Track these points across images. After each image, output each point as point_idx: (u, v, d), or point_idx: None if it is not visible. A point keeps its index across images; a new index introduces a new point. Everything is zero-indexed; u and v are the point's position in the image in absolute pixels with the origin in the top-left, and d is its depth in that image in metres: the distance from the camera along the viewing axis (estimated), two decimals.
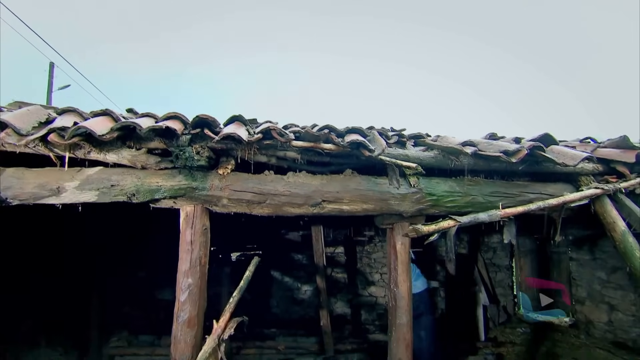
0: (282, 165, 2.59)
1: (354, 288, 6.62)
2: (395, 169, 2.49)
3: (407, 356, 2.59)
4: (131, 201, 2.37)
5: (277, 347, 5.47)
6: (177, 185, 2.39)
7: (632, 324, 5.23)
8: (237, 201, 2.43)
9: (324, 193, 2.46)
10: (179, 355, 2.36)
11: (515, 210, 2.48)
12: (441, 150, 2.59)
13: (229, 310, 2.46)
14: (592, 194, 2.68)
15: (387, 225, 2.69)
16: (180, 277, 2.39)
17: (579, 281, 6.15)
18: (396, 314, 2.59)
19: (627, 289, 5.37)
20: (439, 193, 2.57)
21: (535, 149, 2.55)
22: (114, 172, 2.38)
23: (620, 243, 2.63)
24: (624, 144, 2.88)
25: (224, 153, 2.51)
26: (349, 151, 2.40)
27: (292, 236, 6.60)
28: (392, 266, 2.64)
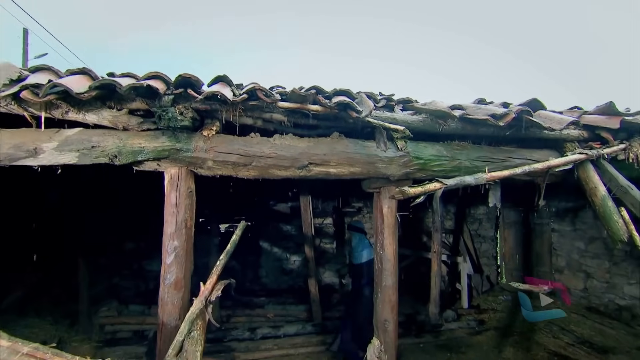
0: (269, 128, 2.54)
1: (342, 258, 6.73)
2: (382, 132, 2.47)
3: (393, 317, 2.66)
4: (113, 163, 2.31)
5: (267, 315, 5.57)
6: (160, 146, 2.33)
7: (605, 290, 5.48)
8: (222, 163, 2.39)
9: (310, 155, 2.43)
10: (166, 316, 2.37)
11: (501, 173, 2.50)
12: (429, 114, 2.57)
13: (216, 273, 2.46)
14: (576, 159, 2.72)
15: (374, 190, 2.69)
16: (166, 239, 2.38)
17: (559, 251, 6.36)
18: (382, 277, 2.64)
19: (602, 258, 5.59)
20: (426, 157, 2.57)
21: (522, 113, 2.55)
22: (95, 133, 2.30)
23: (600, 207, 2.68)
24: (610, 110, 2.90)
25: (208, 115, 2.45)
26: (336, 113, 2.36)
27: (280, 207, 6.62)
28: (379, 229, 2.67)
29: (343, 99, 2.32)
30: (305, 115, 2.48)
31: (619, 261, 5.35)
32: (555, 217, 6.44)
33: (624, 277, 5.28)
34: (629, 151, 2.89)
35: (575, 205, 6.04)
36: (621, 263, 5.33)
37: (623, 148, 2.89)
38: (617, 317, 5.27)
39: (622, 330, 4.97)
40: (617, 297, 5.35)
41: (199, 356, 2.15)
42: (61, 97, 2.13)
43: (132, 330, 5.49)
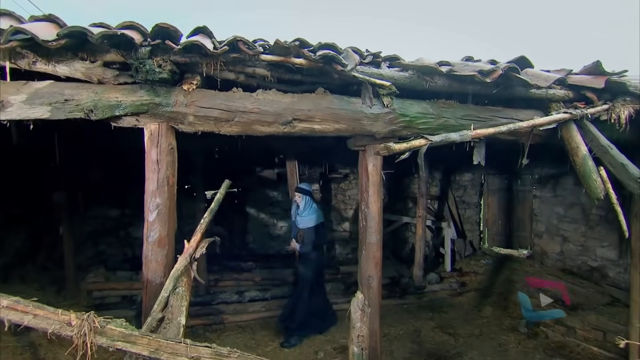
0: (252, 84, 2.47)
1: (328, 224, 6.81)
2: (368, 87, 2.42)
3: (377, 273, 2.72)
4: (89, 118, 2.22)
5: (254, 278, 5.66)
6: (138, 100, 2.25)
7: (579, 252, 5.72)
8: (204, 118, 2.32)
9: (294, 111, 2.38)
10: (150, 274, 2.37)
11: (487, 131, 2.51)
12: (416, 71, 2.52)
13: (200, 231, 2.46)
14: (560, 118, 2.73)
15: (359, 147, 2.68)
16: (148, 197, 2.34)
17: (539, 217, 6.56)
18: (366, 234, 2.67)
19: (579, 223, 5.80)
20: (412, 114, 2.55)
21: (510, 70, 2.52)
22: (67, 86, 2.19)
23: (580, 167, 2.73)
24: (596, 70, 2.89)
25: (188, 68, 2.35)
26: (320, 66, 2.29)
27: (267, 174, 6.59)
28: (364, 187, 2.67)
29: (328, 52, 2.25)
30: (289, 70, 2.40)
31: (594, 225, 5.57)
32: (537, 184, 6.60)
33: (597, 240, 5.51)
34: (612, 112, 2.91)
35: (557, 172, 6.19)
36: (596, 227, 5.54)
37: (606, 109, 2.91)
38: (588, 277, 5.55)
39: (592, 289, 5.24)
40: (589, 259, 5.60)
41: (185, 311, 2.18)
42: (27, 45, 2.00)
43: (121, 296, 5.53)
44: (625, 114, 2.86)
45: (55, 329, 1.66)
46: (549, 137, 2.94)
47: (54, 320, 1.67)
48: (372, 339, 2.61)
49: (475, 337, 4.77)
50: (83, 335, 1.66)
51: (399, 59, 2.75)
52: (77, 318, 1.69)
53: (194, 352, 1.84)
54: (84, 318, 1.69)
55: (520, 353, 4.36)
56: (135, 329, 1.82)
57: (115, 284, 5.59)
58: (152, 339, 1.80)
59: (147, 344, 1.79)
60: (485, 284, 6.17)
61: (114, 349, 1.75)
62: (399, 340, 4.68)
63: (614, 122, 2.88)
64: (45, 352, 4.03)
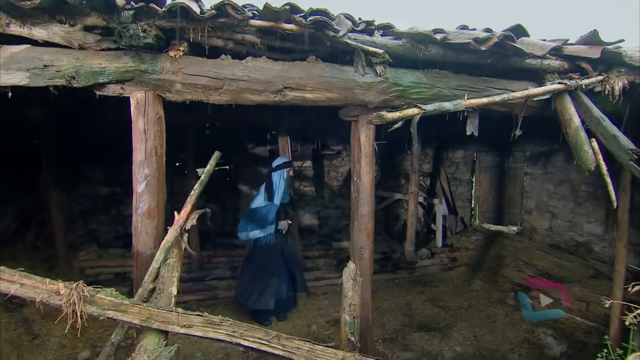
0: (241, 51, 2.38)
1: (321, 200, 6.83)
2: (361, 55, 2.36)
3: (369, 244, 2.73)
4: (71, 85, 2.13)
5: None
6: (123, 67, 2.16)
7: (567, 228, 5.83)
8: (191, 86, 2.25)
9: (285, 79, 2.31)
10: (141, 246, 2.34)
11: (480, 101, 2.47)
12: (410, 39, 2.46)
13: (190, 202, 2.42)
14: (554, 89, 2.70)
15: (351, 118, 2.63)
16: (136, 168, 2.28)
17: (530, 193, 6.63)
18: (358, 205, 2.66)
19: (568, 199, 5.88)
20: (405, 84, 2.50)
21: (505, 39, 2.47)
22: (46, 51, 2.09)
23: (573, 138, 2.72)
24: (593, 40, 2.85)
25: (174, 34, 2.25)
26: (312, 32, 2.21)
27: (259, 150, 6.53)
28: (356, 159, 2.65)
29: (320, 17, 2.17)
30: (279, 37, 2.32)
31: (582, 202, 5.66)
32: (529, 161, 6.64)
33: (585, 216, 5.61)
34: (606, 83, 2.89)
35: (548, 150, 6.22)
36: (584, 204, 5.63)
37: (601, 80, 2.88)
38: (575, 252, 5.68)
39: (577, 263, 5.37)
40: (576, 235, 5.72)
41: (176, 281, 2.17)
42: None
43: (114, 273, 5.54)
44: (620, 85, 2.84)
45: (44, 298, 1.64)
46: (542, 109, 2.92)
47: (42, 289, 1.64)
48: (363, 309, 2.65)
49: (464, 309, 4.90)
50: (72, 304, 1.64)
51: (393, 27, 2.67)
52: (66, 287, 1.66)
53: (185, 320, 1.84)
54: (72, 287, 1.67)
55: (507, 324, 4.49)
56: (126, 297, 1.81)
57: (108, 261, 5.59)
58: (143, 308, 1.79)
59: (138, 313, 1.78)
60: (476, 259, 6.29)
61: (105, 318, 1.73)
62: (390, 313, 4.78)
63: (607, 94, 2.86)
64: (39, 327, 4.04)
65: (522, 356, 3.81)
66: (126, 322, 1.78)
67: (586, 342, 3.97)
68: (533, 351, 3.90)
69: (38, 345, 3.79)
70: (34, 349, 3.72)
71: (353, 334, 2.22)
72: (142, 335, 1.82)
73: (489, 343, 4.06)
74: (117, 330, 2.06)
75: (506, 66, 2.74)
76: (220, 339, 1.88)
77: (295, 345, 2.00)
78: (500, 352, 3.88)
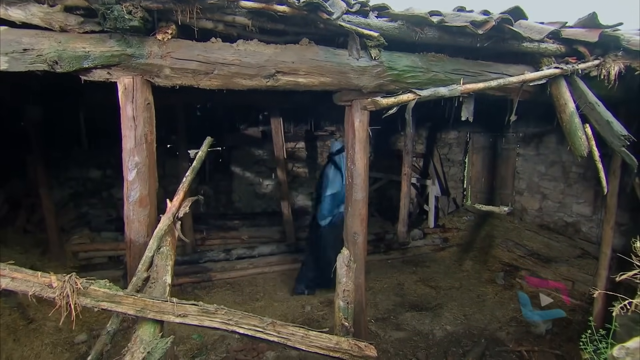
0: (232, 34, 2.29)
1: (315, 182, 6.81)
2: (355, 38, 2.29)
3: (362, 229, 2.74)
4: (54, 70, 2.04)
5: (241, 237, 5.71)
6: (108, 51, 2.07)
7: (557, 209, 5.93)
8: (181, 71, 2.17)
9: (278, 63, 2.25)
10: (133, 234, 2.32)
11: (476, 86, 2.44)
12: (405, 21, 2.39)
13: (183, 189, 2.39)
14: (551, 74, 2.67)
15: (345, 102, 2.59)
16: (126, 155, 2.23)
17: (521, 174, 6.69)
18: (352, 191, 2.66)
19: (559, 181, 5.95)
20: (400, 68, 2.44)
21: (503, 22, 2.41)
22: (25, 33, 1.99)
23: (567, 124, 2.71)
24: (591, 22, 2.80)
25: (162, 16, 2.16)
26: (305, 14, 2.13)
27: (252, 132, 6.45)
28: (350, 144, 2.62)
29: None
30: (271, 19, 2.23)
31: (572, 183, 5.73)
32: (521, 142, 6.67)
33: (574, 197, 5.70)
34: (602, 67, 2.86)
35: (541, 131, 6.24)
36: (574, 185, 5.71)
37: (597, 64, 2.85)
38: (563, 232, 5.80)
39: (565, 243, 5.50)
40: (565, 215, 5.83)
41: (170, 270, 2.16)
42: None
43: (107, 256, 5.53)
44: (615, 69, 2.82)
45: (36, 292, 1.63)
46: (537, 94, 2.89)
47: (34, 283, 1.63)
48: (357, 293, 2.69)
49: (455, 289, 5.01)
50: (66, 297, 1.63)
51: (388, 8, 2.58)
52: (58, 280, 1.65)
53: (180, 310, 1.84)
54: (65, 279, 1.65)
55: (496, 303, 4.62)
56: (120, 289, 1.81)
57: (101, 244, 5.57)
58: (137, 299, 1.79)
59: (133, 304, 1.78)
60: (467, 240, 6.40)
61: (100, 309, 1.73)
62: (382, 293, 4.88)
63: (603, 78, 2.84)
64: (34, 312, 4.05)
65: (509, 334, 3.94)
66: (121, 313, 1.79)
67: (570, 319, 4.12)
68: (520, 329, 4.03)
69: (34, 330, 3.81)
70: (30, 334, 3.75)
71: (347, 319, 2.26)
72: (137, 325, 1.83)
73: (478, 322, 4.18)
74: (113, 319, 2.07)
75: (503, 50, 2.70)
76: (216, 327, 1.90)
77: (289, 331, 2.04)
78: (489, 331, 4.01)
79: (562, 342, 3.77)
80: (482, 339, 3.83)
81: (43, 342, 3.67)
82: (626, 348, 1.05)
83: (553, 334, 3.92)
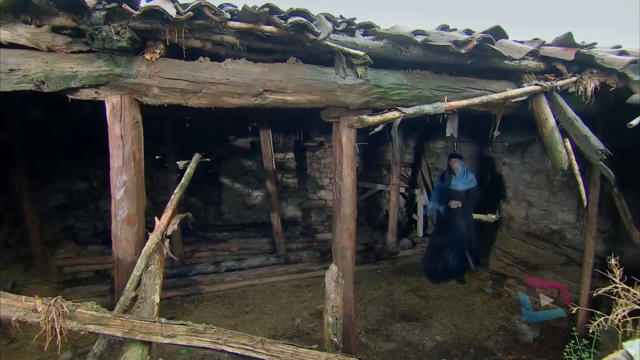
0: (220, 52, 2.33)
1: (304, 192, 6.83)
2: (342, 57, 2.34)
3: (351, 244, 2.77)
4: (41, 90, 2.04)
5: (230, 248, 5.68)
6: (96, 71, 2.08)
7: (542, 217, 6.05)
8: (169, 90, 2.19)
9: (265, 82, 2.28)
10: (121, 253, 2.31)
11: (460, 103, 2.51)
12: (391, 39, 2.45)
13: (171, 207, 2.39)
14: (531, 90, 2.76)
15: (332, 119, 2.63)
16: (114, 174, 2.22)
17: (508, 183, 6.82)
18: (340, 206, 2.69)
19: (544, 189, 6.09)
20: (386, 85, 2.50)
21: (484, 41, 2.49)
22: (11, 53, 1.99)
23: (548, 138, 2.80)
24: (567, 42, 2.91)
25: (150, 36, 2.18)
26: (292, 35, 2.18)
27: (240, 143, 6.45)
28: (337, 160, 2.66)
29: (300, 19, 2.13)
30: (259, 38, 2.27)
31: (557, 191, 5.86)
32: (507, 151, 6.80)
33: (559, 205, 5.82)
34: (579, 84, 2.96)
35: (525, 140, 6.38)
36: (558, 193, 5.85)
37: (574, 81, 2.96)
38: (549, 239, 5.92)
39: (551, 250, 5.61)
40: (551, 223, 5.95)
41: (158, 289, 2.15)
42: None
43: (94, 270, 5.42)
44: (592, 86, 2.93)
45: (20, 317, 1.60)
46: (520, 109, 2.98)
47: (18, 307, 1.61)
48: (346, 307, 2.70)
49: (444, 298, 5.06)
50: (51, 321, 1.61)
51: (374, 26, 2.65)
52: (44, 304, 1.63)
53: (169, 330, 1.84)
54: (50, 303, 1.63)
55: (485, 312, 4.68)
56: (107, 311, 1.79)
57: (87, 258, 5.47)
58: (125, 320, 1.78)
59: (121, 325, 1.77)
60: None
61: (86, 332, 1.71)
62: (372, 303, 4.90)
63: (580, 94, 2.94)
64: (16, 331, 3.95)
65: (498, 343, 3.99)
66: (108, 335, 1.77)
67: (557, 326, 4.19)
68: (508, 338, 4.09)
69: (16, 349, 3.72)
70: (11, 353, 3.66)
71: (336, 335, 2.27)
72: (125, 346, 1.81)
73: (467, 331, 4.23)
74: (100, 340, 2.04)
75: (485, 67, 2.78)
76: (205, 346, 1.89)
77: (279, 349, 2.04)
78: (478, 340, 4.05)
79: (549, 350, 3.83)
80: (471, 349, 3.87)
81: None
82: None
83: (540, 342, 3.98)
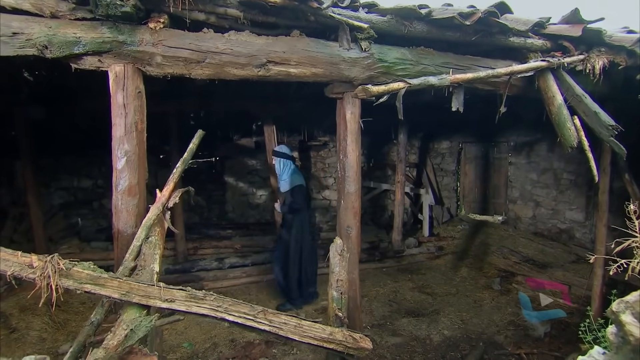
0: (223, 26, 2.32)
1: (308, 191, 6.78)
2: (345, 28, 2.33)
3: (355, 223, 2.71)
4: (44, 55, 2.04)
5: (234, 246, 5.62)
6: (100, 37, 2.08)
7: (550, 216, 5.95)
8: (172, 59, 2.18)
9: (269, 53, 2.27)
10: (121, 224, 2.27)
11: (465, 76, 2.48)
12: (394, 15, 2.44)
13: (173, 180, 2.35)
14: (538, 66, 2.73)
15: (336, 95, 2.61)
16: (116, 144, 2.20)
17: (514, 183, 6.74)
18: (345, 183, 2.64)
19: (551, 188, 6.00)
20: (390, 60, 2.48)
21: (489, 15, 2.48)
22: (15, 18, 1.99)
23: (556, 115, 2.75)
24: (574, 18, 2.89)
25: (154, 7, 2.19)
26: (295, 5, 2.17)
27: (245, 142, 6.46)
28: (342, 137, 2.62)
29: None
30: (263, 11, 2.27)
31: (564, 190, 5.78)
32: (513, 151, 6.75)
33: (567, 203, 5.73)
34: (587, 62, 2.93)
35: (531, 139, 6.33)
36: (566, 191, 5.76)
37: (582, 59, 2.93)
38: (557, 238, 5.81)
39: (560, 249, 5.50)
40: (559, 222, 5.84)
41: (158, 258, 2.10)
42: None
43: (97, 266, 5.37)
44: (600, 64, 2.89)
45: (15, 271, 1.56)
46: (526, 88, 2.94)
47: (14, 262, 1.57)
48: (351, 288, 2.63)
49: (452, 295, 4.93)
50: (47, 278, 1.57)
51: (377, 4, 2.65)
52: (40, 260, 1.59)
53: (167, 294, 1.78)
54: (47, 260, 1.59)
55: (493, 307, 4.54)
56: (104, 271, 1.74)
57: (90, 254, 5.43)
58: (122, 281, 1.73)
59: (118, 287, 1.72)
60: (462, 248, 6.35)
61: (82, 292, 1.67)
62: (378, 300, 4.78)
63: (588, 72, 2.91)
64: (17, 321, 3.90)
65: (507, 337, 3.86)
66: (105, 296, 1.72)
67: (568, 322, 4.05)
68: (518, 332, 3.95)
69: (16, 340, 3.66)
70: (11, 343, 3.59)
71: (340, 310, 2.19)
72: (122, 310, 1.76)
73: (476, 326, 4.09)
74: (97, 309, 1.98)
75: (490, 44, 2.76)
76: (204, 313, 1.83)
77: (281, 320, 1.97)
78: (487, 335, 3.92)
79: (561, 345, 3.69)
80: (480, 343, 3.74)
81: (25, 352, 3.50)
82: (625, 302, 1.02)
83: (552, 337, 3.84)
